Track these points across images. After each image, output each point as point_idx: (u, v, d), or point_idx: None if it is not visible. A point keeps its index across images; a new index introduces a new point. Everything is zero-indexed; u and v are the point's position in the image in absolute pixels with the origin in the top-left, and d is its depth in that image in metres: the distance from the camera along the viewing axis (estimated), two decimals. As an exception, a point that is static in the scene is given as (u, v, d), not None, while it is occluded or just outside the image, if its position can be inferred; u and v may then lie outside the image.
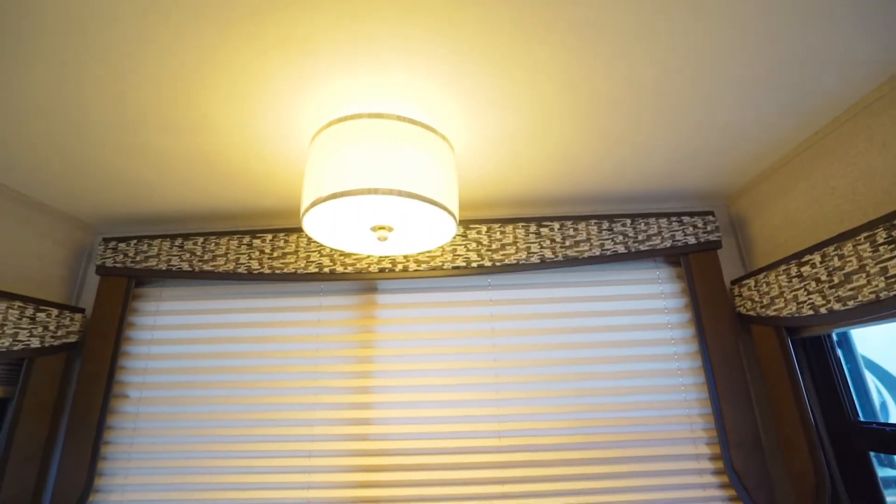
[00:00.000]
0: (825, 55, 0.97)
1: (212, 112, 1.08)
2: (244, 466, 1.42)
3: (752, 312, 1.41)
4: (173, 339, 1.57)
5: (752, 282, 1.41)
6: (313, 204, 1.01)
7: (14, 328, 1.34)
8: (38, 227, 1.54)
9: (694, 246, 1.52)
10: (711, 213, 1.56)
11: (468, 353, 1.51)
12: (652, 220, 1.54)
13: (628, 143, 1.27)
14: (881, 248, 0.99)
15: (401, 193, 0.98)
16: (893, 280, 0.96)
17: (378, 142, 1.02)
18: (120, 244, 1.62)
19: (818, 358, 1.36)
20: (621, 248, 1.51)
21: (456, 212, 1.13)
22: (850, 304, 1.06)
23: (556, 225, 1.54)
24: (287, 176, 1.39)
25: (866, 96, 1.13)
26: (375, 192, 0.97)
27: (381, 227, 1.11)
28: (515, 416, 1.45)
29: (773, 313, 1.31)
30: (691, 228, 1.53)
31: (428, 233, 1.19)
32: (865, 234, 1.03)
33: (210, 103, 1.05)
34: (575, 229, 1.53)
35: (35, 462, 1.40)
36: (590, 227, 1.54)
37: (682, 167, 1.44)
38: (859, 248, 1.04)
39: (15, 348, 1.33)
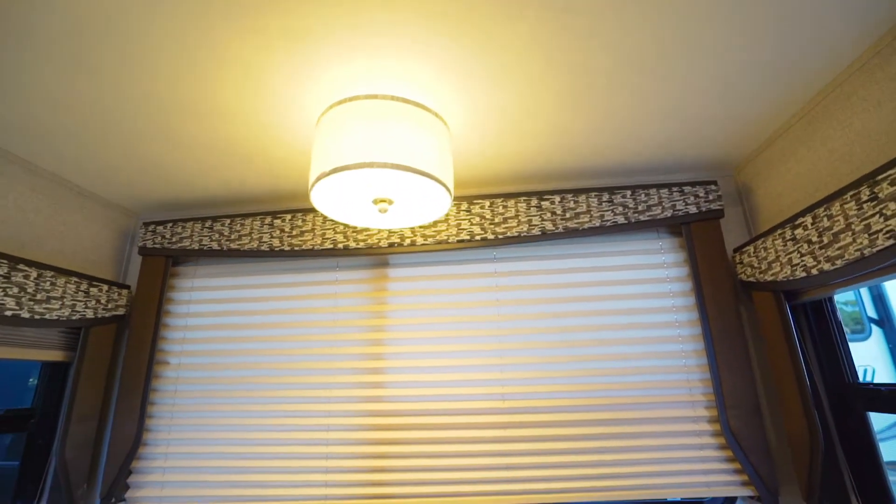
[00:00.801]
0: (817, 14, 0.98)
1: (228, 101, 1.20)
2: (270, 424, 1.57)
3: (752, 279, 1.42)
4: (206, 312, 1.74)
5: (751, 248, 1.42)
6: (317, 179, 1.11)
7: (72, 300, 1.53)
8: (90, 213, 1.73)
9: (695, 215, 1.53)
10: (714, 183, 1.56)
11: (474, 321, 1.60)
12: (653, 191, 1.57)
13: (619, 113, 1.30)
14: (865, 205, 1.00)
15: (394, 166, 1.07)
16: (876, 236, 0.97)
17: (374, 120, 1.11)
18: (158, 227, 1.79)
19: (819, 323, 1.36)
20: (621, 219, 1.55)
21: (450, 184, 1.21)
22: (838, 263, 1.07)
23: (557, 198, 1.59)
24: (302, 160, 1.50)
25: (861, 55, 1.12)
26: (371, 165, 1.06)
27: (382, 200, 1.20)
28: (518, 380, 1.53)
29: (770, 278, 1.33)
30: (692, 198, 1.55)
31: (425, 205, 1.27)
32: (851, 193, 1.03)
33: (225, 93, 1.16)
34: (575, 202, 1.58)
35: (94, 418, 1.60)
36: (590, 199, 1.58)
37: (682, 136, 1.45)
38: (846, 206, 1.05)
39: (73, 317, 1.52)
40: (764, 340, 1.41)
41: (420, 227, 1.63)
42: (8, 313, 1.32)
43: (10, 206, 1.44)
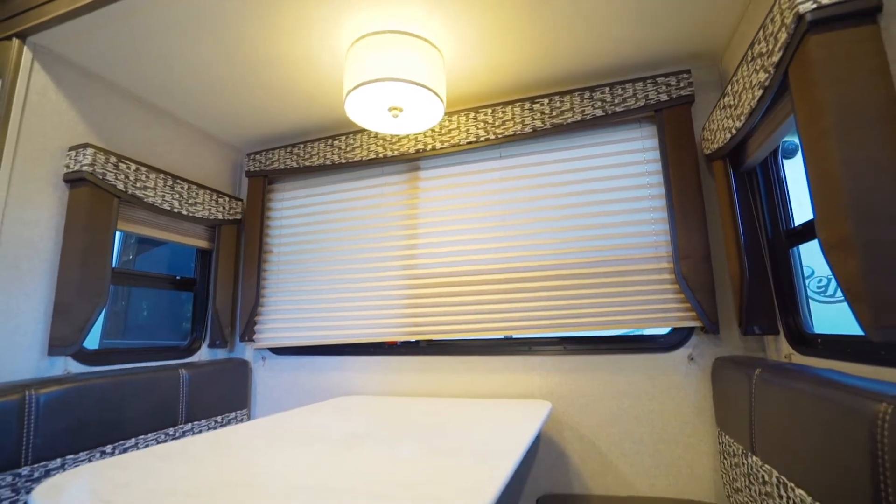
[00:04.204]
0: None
1: (294, 53, 1.71)
2: (340, 287, 2.20)
3: (709, 151, 1.66)
4: (293, 215, 2.39)
5: (707, 123, 1.65)
6: (346, 94, 1.60)
7: (209, 205, 2.25)
8: (212, 149, 2.43)
9: (666, 102, 1.77)
10: (687, 72, 1.77)
11: (484, 206, 2.03)
12: (629, 85, 1.82)
13: (584, 17, 1.58)
14: (749, 65, 1.23)
15: (393, 79, 1.51)
16: (754, 88, 1.21)
17: (382, 49, 1.56)
18: (257, 156, 2.45)
19: (766, 184, 1.58)
20: (599, 112, 1.84)
21: (441, 93, 1.62)
22: (742, 119, 1.32)
23: (546, 100, 1.92)
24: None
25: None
26: (378, 80, 1.52)
27: (394, 108, 1.67)
28: (518, 247, 1.95)
29: (716, 146, 1.57)
30: (664, 87, 1.78)
31: (427, 111, 1.70)
32: (745, 58, 1.27)
33: (292, 47, 1.67)
34: (561, 101, 1.89)
35: (230, 286, 2.36)
36: (573, 98, 1.88)
37: (652, 29, 1.66)
38: (742, 69, 1.28)
39: (210, 217, 2.25)
40: (718, 203, 1.66)
41: (438, 134, 2.07)
42: (175, 210, 2.05)
43: (165, 144, 2.15)
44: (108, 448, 1.59)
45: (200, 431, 1.98)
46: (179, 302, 4.54)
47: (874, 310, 0.84)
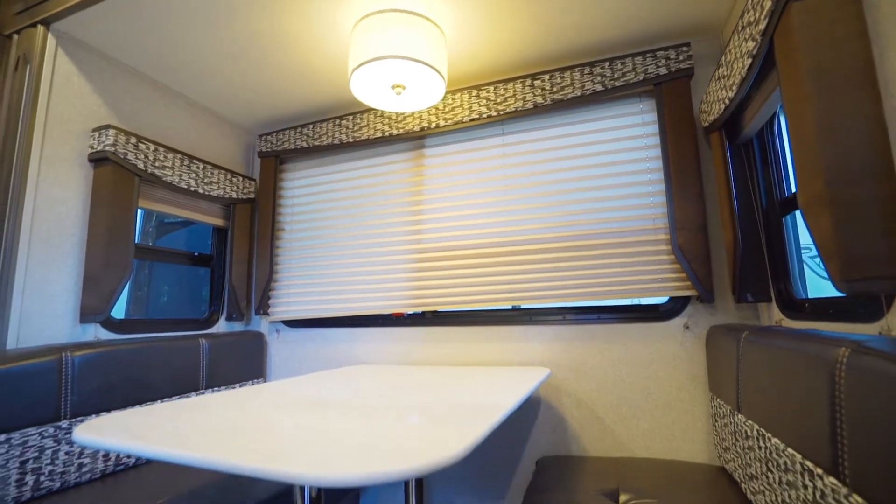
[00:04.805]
0: None
1: (301, 34, 1.77)
2: (348, 262, 2.29)
3: (706, 123, 1.68)
4: (304, 194, 2.48)
5: (704, 95, 1.67)
6: (351, 73, 1.66)
7: (223, 185, 2.34)
8: (226, 131, 2.52)
9: (665, 76, 1.79)
10: (686, 44, 1.78)
11: (486, 181, 2.09)
12: (628, 59, 1.84)
13: (578, -7, 1.61)
14: (739, 35, 1.26)
15: (394, 57, 1.57)
16: (744, 57, 1.24)
17: (384, 27, 1.61)
18: (269, 136, 2.53)
19: (762, 156, 1.60)
20: (599, 87, 1.86)
21: (443, 70, 1.67)
22: (734, 89, 1.35)
23: (547, 76, 1.95)
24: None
25: None
26: (380, 58, 1.57)
27: (397, 86, 1.72)
28: (519, 221, 2.01)
29: (712, 118, 1.59)
30: (664, 61, 1.79)
31: (429, 88, 1.75)
32: (734, 28, 1.29)
33: (301, 27, 1.73)
34: (561, 77, 1.92)
35: (245, 262, 2.47)
36: (574, 73, 1.91)
37: (654, 4, 1.68)
38: (734, 40, 1.31)
39: (226, 196, 2.35)
40: (715, 175, 1.68)
41: (442, 112, 2.12)
42: (192, 189, 2.15)
43: (180, 126, 2.25)
44: (136, 408, 1.72)
45: (220, 397, 2.11)
46: (197, 287, 4.73)
47: (842, 264, 0.88)
